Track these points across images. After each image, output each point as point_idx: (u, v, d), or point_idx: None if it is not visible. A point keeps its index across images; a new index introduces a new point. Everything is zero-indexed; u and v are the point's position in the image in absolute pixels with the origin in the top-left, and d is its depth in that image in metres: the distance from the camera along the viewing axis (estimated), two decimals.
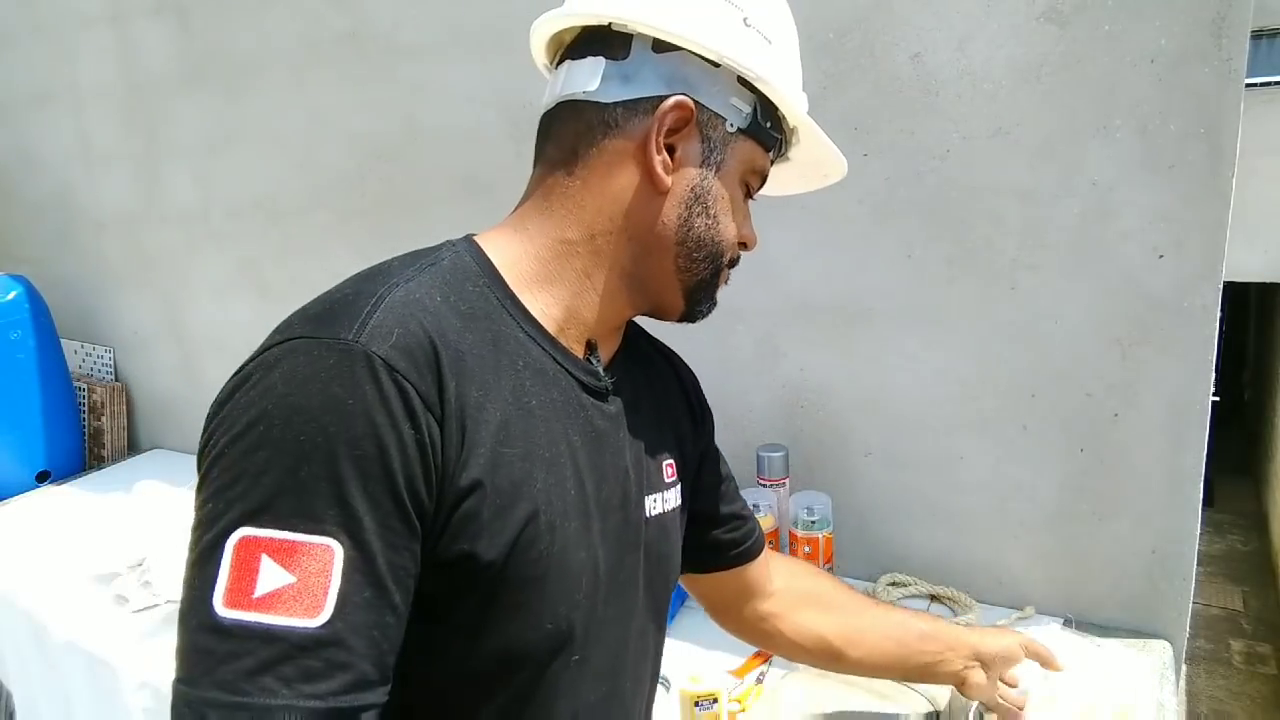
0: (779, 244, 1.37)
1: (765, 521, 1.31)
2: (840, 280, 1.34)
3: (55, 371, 2.21)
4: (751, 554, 0.93)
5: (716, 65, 0.67)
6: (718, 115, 0.69)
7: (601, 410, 0.71)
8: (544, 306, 0.67)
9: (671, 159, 0.68)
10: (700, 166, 0.69)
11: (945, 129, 1.21)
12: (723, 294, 1.62)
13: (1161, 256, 1.13)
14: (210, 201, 2.05)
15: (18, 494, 2.10)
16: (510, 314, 0.65)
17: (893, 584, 1.37)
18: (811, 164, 0.80)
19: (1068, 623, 1.26)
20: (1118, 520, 1.23)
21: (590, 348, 0.71)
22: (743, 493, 1.35)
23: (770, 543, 1.32)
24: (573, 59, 0.69)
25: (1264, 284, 5.04)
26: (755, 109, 0.70)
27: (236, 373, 0.57)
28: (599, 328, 0.72)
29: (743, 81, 0.68)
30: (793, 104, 0.71)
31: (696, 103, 0.67)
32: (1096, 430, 1.22)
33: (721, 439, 1.50)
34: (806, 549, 1.28)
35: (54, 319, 2.23)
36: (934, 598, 1.35)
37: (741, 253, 0.77)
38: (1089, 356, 1.20)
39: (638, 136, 0.67)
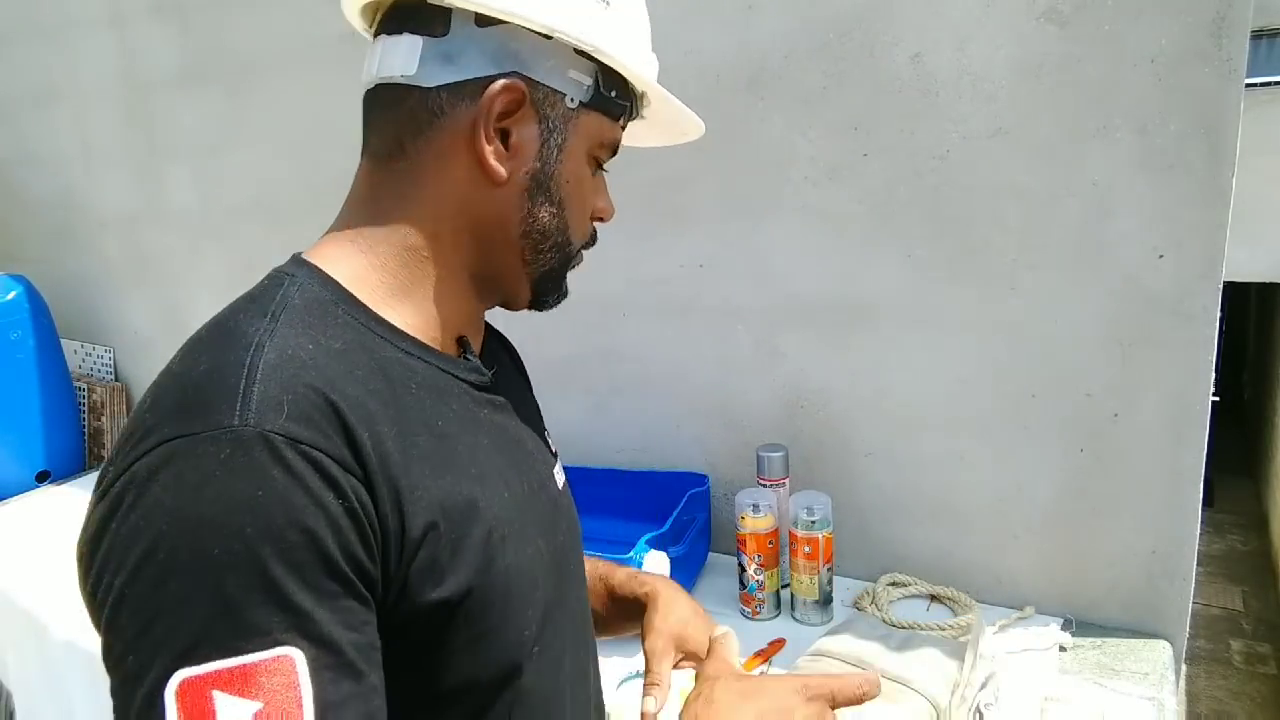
0: (779, 244, 1.37)
1: (765, 521, 1.31)
2: (840, 280, 1.34)
3: (55, 371, 2.21)
4: None
5: (549, 36, 0.60)
6: (555, 91, 0.62)
7: (493, 404, 0.69)
8: (408, 318, 0.63)
9: (506, 145, 0.62)
10: (540, 150, 0.63)
11: (945, 129, 1.21)
12: (723, 294, 1.62)
13: (1161, 256, 1.13)
14: (210, 201, 2.05)
15: (18, 494, 2.10)
16: (383, 336, 0.60)
17: (893, 584, 1.37)
18: (668, 123, 0.74)
19: (1068, 623, 1.26)
20: (1118, 520, 1.23)
21: (463, 345, 0.68)
22: (743, 493, 1.35)
23: (770, 543, 1.32)
24: (387, 34, 0.63)
25: (1264, 284, 5.04)
26: (597, 79, 0.64)
27: (99, 497, 0.49)
28: (465, 324, 0.68)
29: (582, 51, 0.62)
30: (638, 71, 0.65)
31: (529, 81, 0.61)
32: (1096, 430, 1.22)
33: (721, 439, 1.51)
34: (806, 549, 1.28)
35: (54, 319, 2.23)
36: (934, 598, 1.35)
37: (598, 224, 0.73)
38: (1089, 356, 1.20)
39: (466, 125, 0.61)
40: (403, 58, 0.61)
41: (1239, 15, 1.02)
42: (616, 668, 1.19)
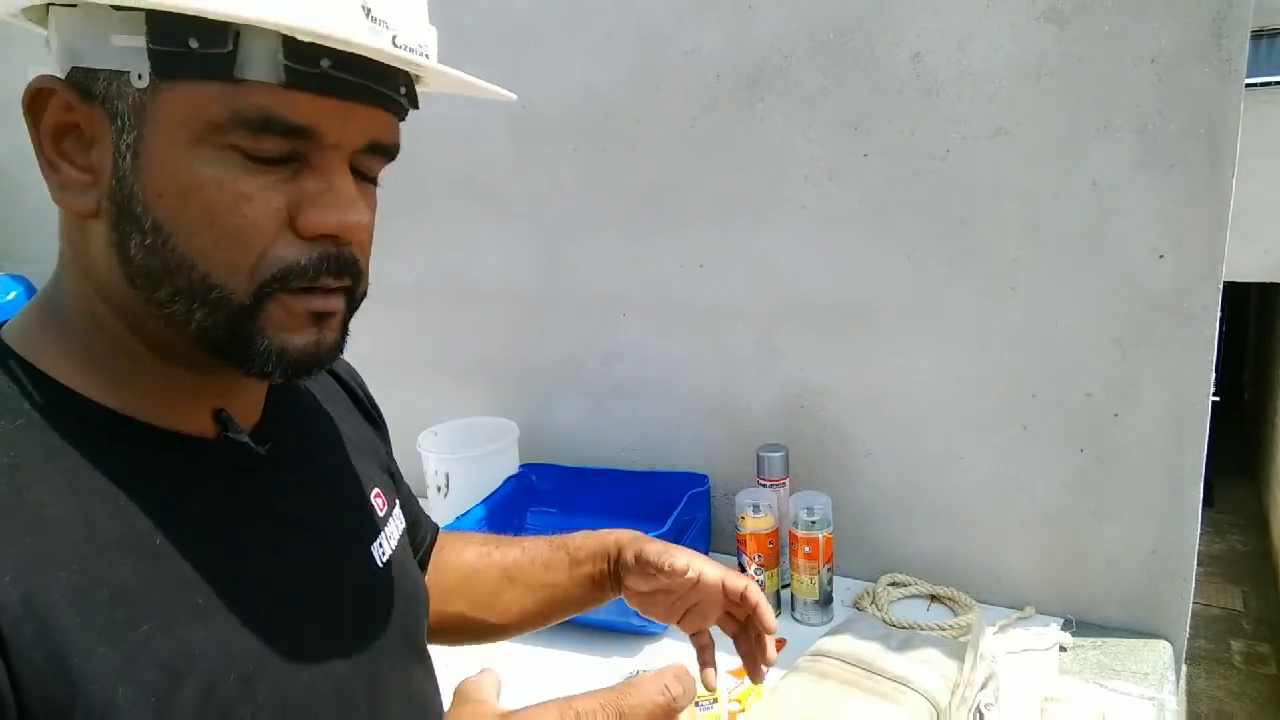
0: (779, 244, 1.37)
1: (765, 521, 1.31)
2: (840, 280, 1.34)
3: None
4: (424, 566, 0.83)
5: (73, 3, 0.45)
6: (115, 74, 0.45)
7: (276, 485, 0.56)
8: (134, 401, 0.49)
9: (90, 163, 0.47)
10: (113, 161, 0.46)
11: (945, 129, 1.21)
12: (723, 294, 1.62)
13: (1161, 256, 1.13)
14: None
15: None
16: (92, 431, 0.47)
17: (893, 584, 1.37)
18: (455, 83, 0.54)
19: (1068, 623, 1.26)
20: (1118, 520, 1.23)
21: (220, 421, 0.53)
22: (743, 493, 1.35)
23: (770, 543, 1.32)
24: None
25: (1264, 284, 5.04)
26: (147, 36, 0.44)
27: None
28: (219, 396, 0.53)
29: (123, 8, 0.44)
30: (204, 3, 0.42)
31: (87, 72, 0.46)
32: (1096, 430, 1.22)
33: (721, 439, 1.51)
34: (806, 549, 1.28)
35: None
36: (934, 598, 1.35)
37: (337, 244, 0.49)
38: (1089, 356, 1.20)
39: None
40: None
41: (1239, 15, 1.02)
42: (617, 668, 1.19)
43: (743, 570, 1.34)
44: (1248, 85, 1.05)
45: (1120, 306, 1.17)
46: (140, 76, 0.44)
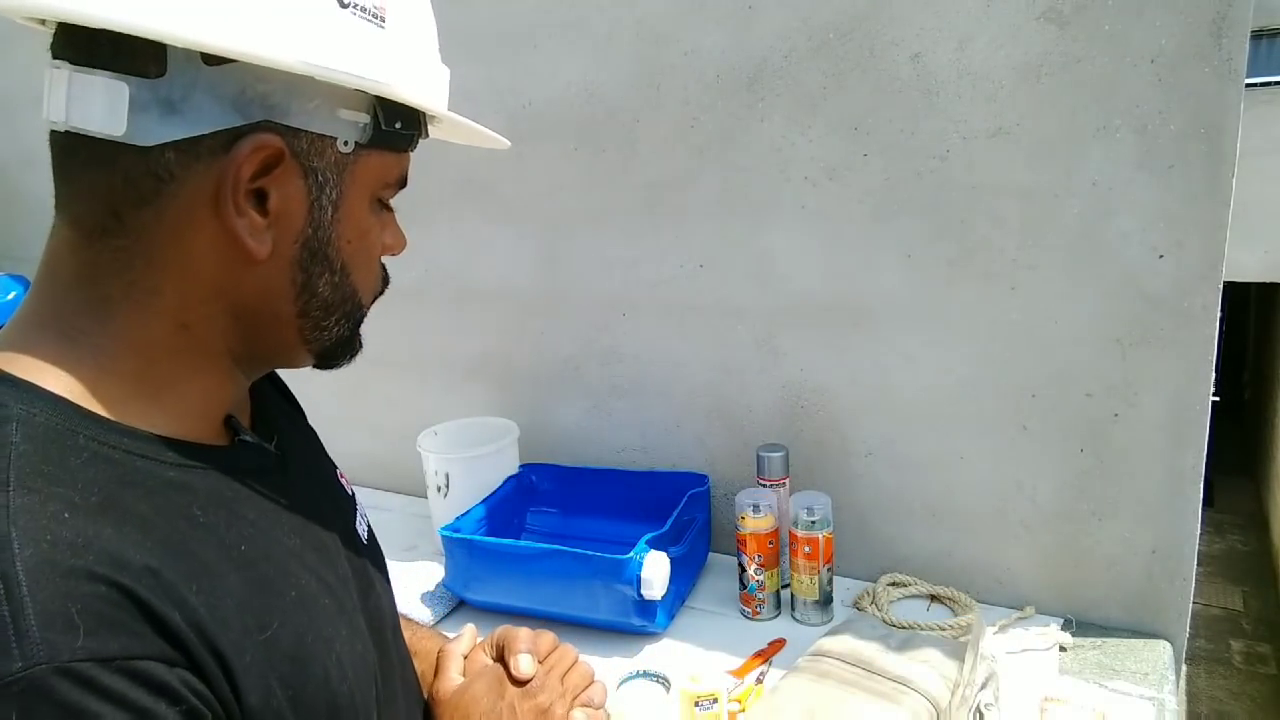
0: (779, 244, 1.37)
1: (765, 521, 1.31)
2: (840, 280, 1.34)
3: None
4: None
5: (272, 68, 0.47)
6: (322, 137, 0.51)
7: (285, 482, 0.58)
8: (164, 421, 0.50)
9: (265, 208, 0.50)
10: (310, 212, 0.52)
11: (945, 129, 1.21)
12: (723, 294, 1.62)
13: (1161, 256, 1.13)
14: None
15: None
16: (145, 456, 0.47)
17: (893, 584, 1.37)
18: (468, 131, 0.64)
19: (1068, 623, 1.26)
20: (1118, 520, 1.23)
21: (233, 426, 0.56)
22: (743, 493, 1.35)
23: (770, 543, 1.32)
24: (75, 65, 0.47)
25: (1264, 284, 5.05)
26: (376, 114, 0.53)
27: None
28: (232, 404, 0.57)
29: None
30: (430, 103, 0.55)
31: (287, 129, 0.49)
32: (1096, 430, 1.22)
33: (721, 439, 1.51)
34: (806, 549, 1.28)
35: None
36: (934, 598, 1.35)
37: (392, 255, 0.64)
38: (1089, 356, 1.20)
39: (207, 191, 0.48)
40: (104, 107, 0.46)
41: (1239, 15, 1.03)
42: (617, 668, 1.19)
43: (742, 571, 1.34)
44: (1248, 85, 1.05)
45: (1120, 306, 1.17)
46: (346, 143, 0.52)
